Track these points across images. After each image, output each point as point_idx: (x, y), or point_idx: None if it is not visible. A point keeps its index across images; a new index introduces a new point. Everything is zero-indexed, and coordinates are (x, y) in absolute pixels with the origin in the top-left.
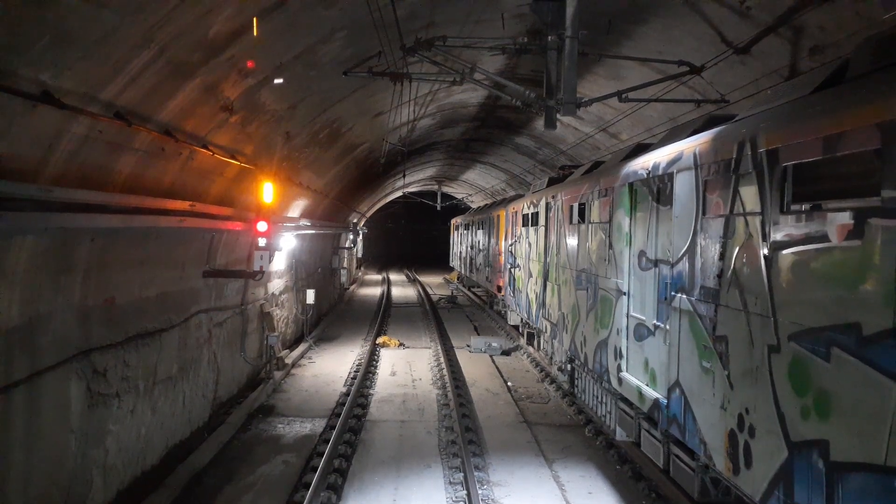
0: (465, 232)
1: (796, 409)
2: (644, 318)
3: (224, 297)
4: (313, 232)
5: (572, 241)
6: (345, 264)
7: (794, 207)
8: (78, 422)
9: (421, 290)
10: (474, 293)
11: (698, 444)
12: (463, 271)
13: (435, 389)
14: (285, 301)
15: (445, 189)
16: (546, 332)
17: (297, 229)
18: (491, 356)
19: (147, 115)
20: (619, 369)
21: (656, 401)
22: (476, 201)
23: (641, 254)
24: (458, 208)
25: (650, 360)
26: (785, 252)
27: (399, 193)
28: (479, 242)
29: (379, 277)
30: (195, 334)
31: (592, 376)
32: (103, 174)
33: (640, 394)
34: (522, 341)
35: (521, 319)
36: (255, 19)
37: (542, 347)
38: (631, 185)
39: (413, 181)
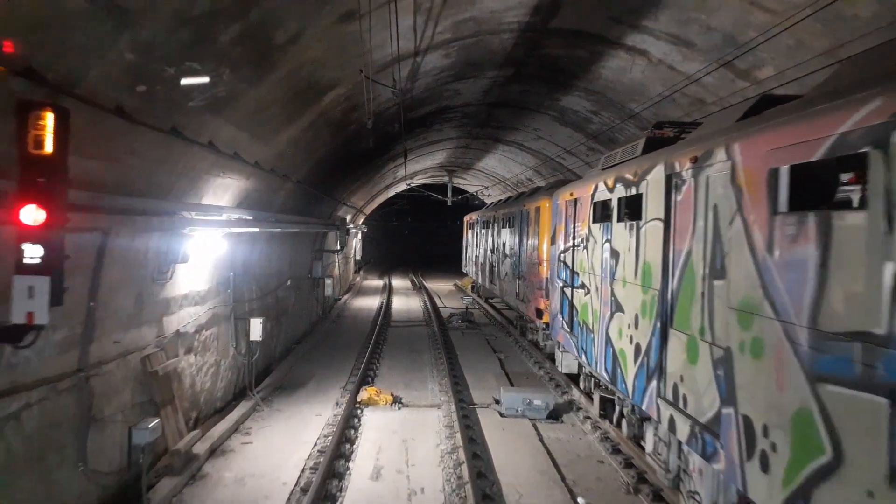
0: (484, 231)
1: None
2: None
3: (12, 366)
4: (271, 231)
5: (769, 254)
6: (333, 272)
7: None
8: None
9: (427, 302)
10: (493, 305)
11: None
12: (479, 280)
13: None
14: (210, 339)
15: (457, 181)
16: (663, 423)
17: (226, 225)
18: (533, 422)
19: None
20: None
21: None
22: (493, 195)
23: None
24: (471, 203)
25: None
26: None
27: (403, 186)
28: (503, 245)
29: (380, 284)
30: None
31: None
32: None
33: None
34: (579, 396)
35: (587, 373)
36: None
37: (652, 449)
38: None
39: (418, 170)
